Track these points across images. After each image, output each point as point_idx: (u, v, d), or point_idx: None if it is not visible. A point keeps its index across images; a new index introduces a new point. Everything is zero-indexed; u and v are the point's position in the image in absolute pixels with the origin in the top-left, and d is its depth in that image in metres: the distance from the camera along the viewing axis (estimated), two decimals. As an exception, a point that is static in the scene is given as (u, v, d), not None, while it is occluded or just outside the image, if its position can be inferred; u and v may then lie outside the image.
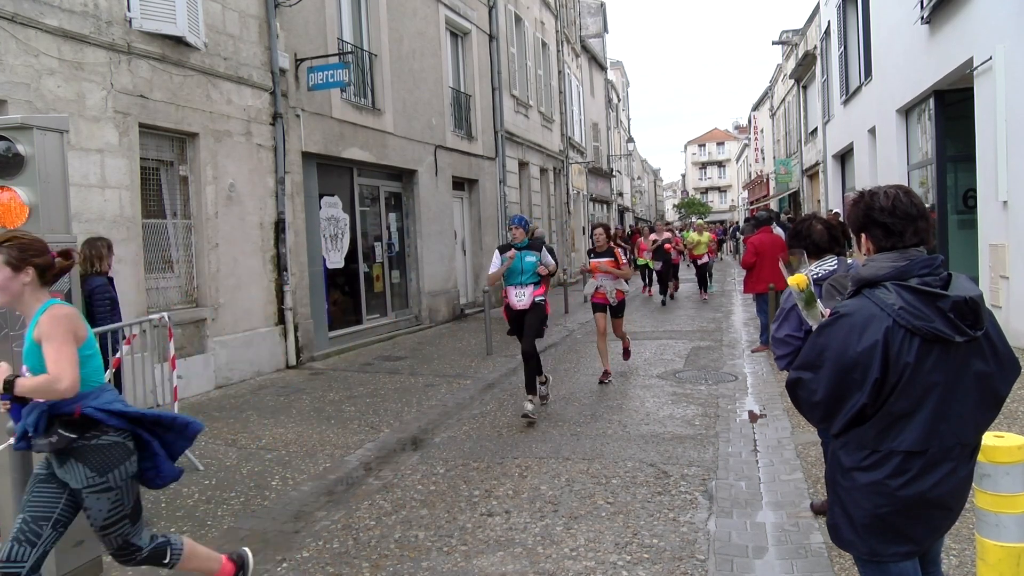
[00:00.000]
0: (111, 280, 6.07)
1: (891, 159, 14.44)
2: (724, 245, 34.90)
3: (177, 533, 4.56)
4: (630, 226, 34.85)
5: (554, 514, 4.66)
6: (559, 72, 25.19)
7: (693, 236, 18.04)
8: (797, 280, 2.50)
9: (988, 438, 2.41)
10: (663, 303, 16.66)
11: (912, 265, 2.18)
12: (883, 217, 2.24)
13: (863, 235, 2.33)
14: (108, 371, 5.40)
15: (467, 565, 4.00)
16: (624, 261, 8.36)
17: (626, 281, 8.45)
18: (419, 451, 6.22)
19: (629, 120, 55.65)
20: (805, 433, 5.93)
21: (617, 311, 8.48)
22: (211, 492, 5.29)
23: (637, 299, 17.75)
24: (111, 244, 6.20)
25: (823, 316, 2.48)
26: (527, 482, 5.27)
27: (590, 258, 8.52)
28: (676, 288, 18.38)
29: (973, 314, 2.12)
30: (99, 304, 5.82)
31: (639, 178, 61.76)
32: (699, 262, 17.95)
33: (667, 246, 16.81)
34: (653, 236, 17.52)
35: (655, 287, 18.15)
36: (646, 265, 17.70)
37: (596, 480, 5.25)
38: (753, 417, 6.73)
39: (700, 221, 19.98)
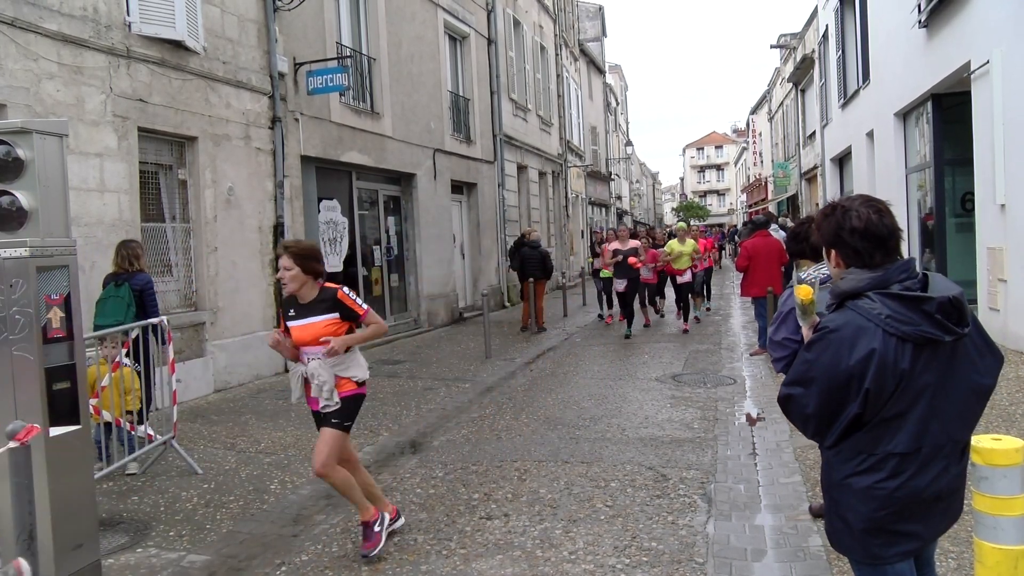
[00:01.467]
0: None
1: (889, 162, 14.47)
2: (723, 250, 34.76)
3: (177, 536, 4.56)
4: (596, 230, 27.13)
5: (553, 517, 4.66)
6: (558, 76, 25.23)
7: (673, 246, 13.22)
8: (804, 293, 2.50)
9: (986, 440, 2.41)
10: (627, 336, 12.17)
11: (890, 273, 2.20)
12: (853, 240, 2.26)
13: (833, 251, 2.35)
14: (108, 375, 5.41)
15: (466, 568, 4.00)
16: (364, 309, 4.16)
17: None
18: (418, 454, 6.22)
19: (628, 123, 55.73)
20: (803, 437, 5.93)
21: (338, 417, 4.09)
22: (210, 496, 5.29)
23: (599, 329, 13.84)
24: (142, 245, 6.85)
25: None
26: (526, 485, 5.27)
27: (286, 320, 4.16)
28: (656, 313, 14.44)
29: (958, 312, 2.15)
30: (149, 298, 6.38)
31: (638, 181, 61.84)
32: (679, 279, 13.09)
33: (631, 259, 12.00)
34: (615, 245, 12.44)
35: (616, 309, 13.60)
36: (609, 280, 13.00)
37: (595, 483, 5.25)
38: (751, 420, 6.73)
39: (681, 224, 15.96)
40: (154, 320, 5.95)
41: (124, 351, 5.56)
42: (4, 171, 3.64)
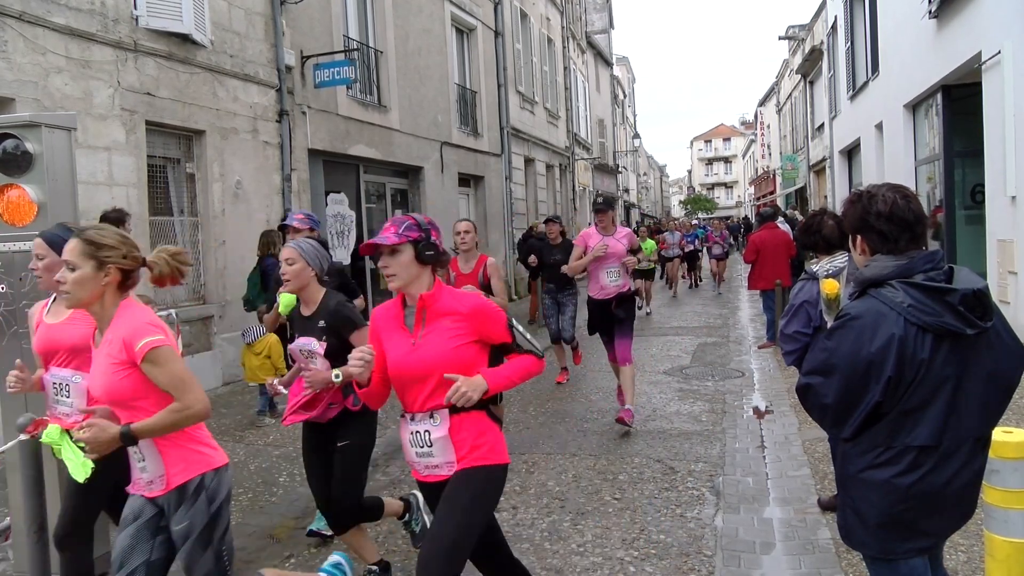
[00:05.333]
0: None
1: (898, 155, 14.37)
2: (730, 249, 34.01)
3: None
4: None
5: (561, 510, 4.66)
6: (565, 68, 25.15)
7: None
8: (830, 287, 2.48)
9: (997, 434, 2.39)
10: None
11: (915, 262, 2.17)
12: (879, 223, 2.23)
13: (859, 237, 2.32)
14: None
15: (474, 561, 4.01)
16: None
17: None
18: (426, 447, 6.22)
19: (635, 116, 55.52)
20: (812, 429, 5.92)
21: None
22: (219, 488, 5.30)
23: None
24: (279, 234, 7.78)
25: None
26: (534, 478, 5.28)
27: None
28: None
29: (981, 306, 2.11)
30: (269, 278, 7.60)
31: (645, 174, 61.68)
32: None
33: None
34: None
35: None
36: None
37: (603, 476, 5.25)
38: (759, 414, 6.72)
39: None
40: (163, 313, 5.99)
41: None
42: (13, 165, 3.65)
